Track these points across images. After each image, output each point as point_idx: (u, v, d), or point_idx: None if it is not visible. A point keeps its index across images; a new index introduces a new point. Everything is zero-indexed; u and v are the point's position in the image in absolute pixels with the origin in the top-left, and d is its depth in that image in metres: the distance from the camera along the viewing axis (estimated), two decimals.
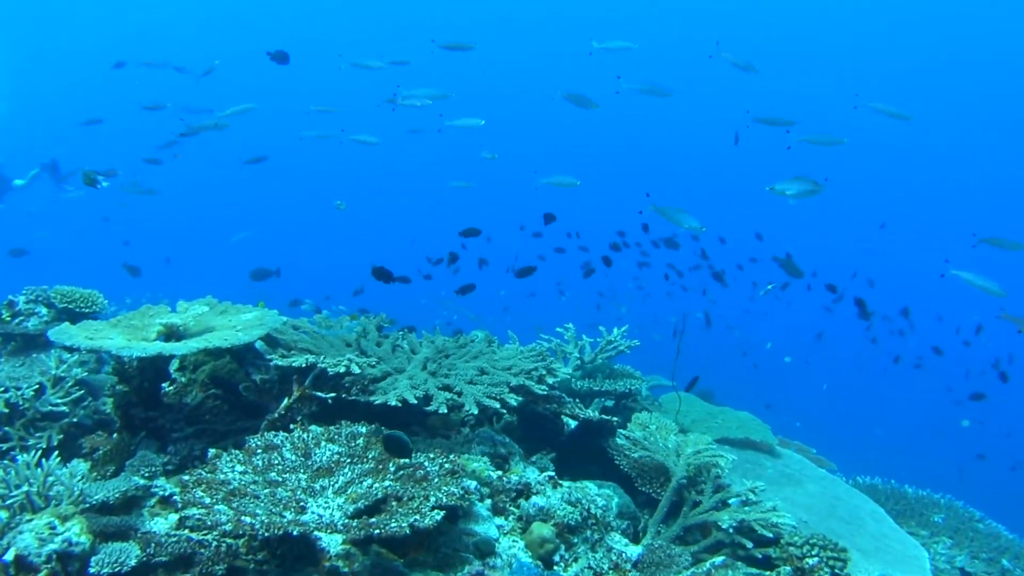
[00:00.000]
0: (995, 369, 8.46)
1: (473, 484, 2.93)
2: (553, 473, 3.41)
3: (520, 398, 3.48)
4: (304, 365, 3.45)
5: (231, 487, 2.68)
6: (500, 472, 3.33)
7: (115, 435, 3.53)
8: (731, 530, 3.34)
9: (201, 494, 2.59)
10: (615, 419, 4.04)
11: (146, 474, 3.26)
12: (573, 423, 4.28)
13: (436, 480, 2.76)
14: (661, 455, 3.73)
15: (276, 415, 3.40)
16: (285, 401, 3.44)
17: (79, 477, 3.00)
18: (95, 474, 3.31)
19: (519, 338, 4.74)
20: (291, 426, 3.25)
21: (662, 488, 3.67)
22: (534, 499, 3.11)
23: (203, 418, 3.61)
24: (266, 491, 2.71)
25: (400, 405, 3.26)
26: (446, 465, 2.87)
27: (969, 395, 9.27)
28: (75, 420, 3.84)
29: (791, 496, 4.39)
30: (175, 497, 3.07)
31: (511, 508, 3.14)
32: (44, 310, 4.53)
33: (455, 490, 2.68)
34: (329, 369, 3.43)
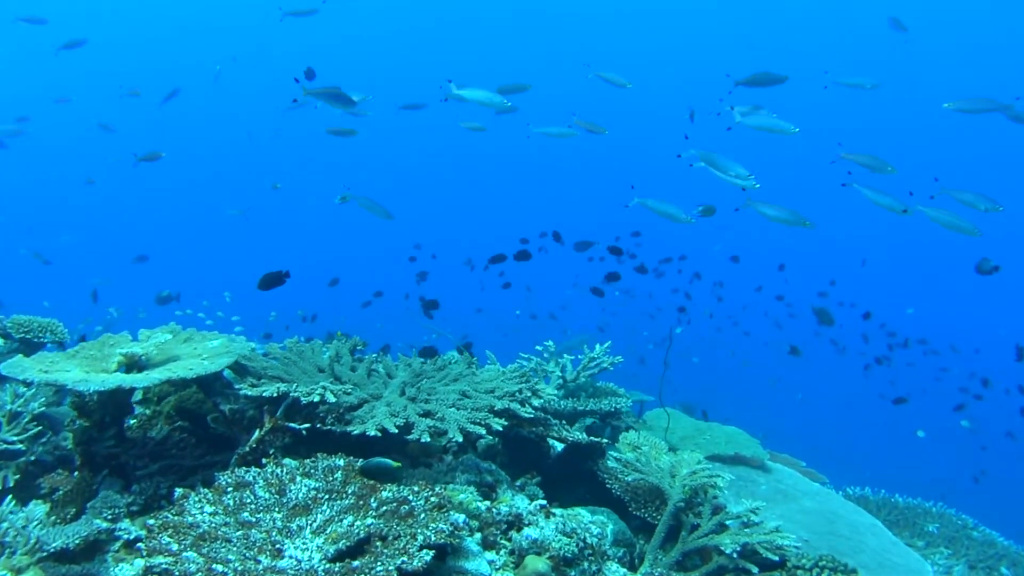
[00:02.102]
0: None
1: (461, 518, 2.73)
2: (545, 502, 3.21)
3: (505, 422, 3.30)
4: (275, 395, 3.24)
5: (200, 530, 2.47)
6: (488, 503, 3.13)
7: (76, 473, 3.31)
8: (735, 554, 3.16)
9: (168, 540, 2.38)
10: (604, 440, 3.86)
11: (109, 516, 3.04)
12: (559, 445, 4.10)
13: (423, 516, 2.57)
14: (655, 477, 3.56)
15: (247, 448, 3.19)
16: (256, 433, 3.23)
17: (35, 522, 2.79)
18: (54, 517, 3.08)
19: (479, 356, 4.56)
20: (263, 460, 3.03)
21: (657, 512, 3.49)
22: (527, 531, 2.91)
23: (169, 452, 3.39)
24: (238, 533, 2.50)
25: (379, 435, 3.06)
26: (432, 499, 2.67)
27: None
28: (32, 459, 3.60)
29: (787, 513, 4.23)
30: (140, 543, 2.86)
31: (502, 541, 2.94)
32: (0, 341, 4.30)
33: (444, 527, 2.49)
34: (302, 398, 3.23)
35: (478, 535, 2.92)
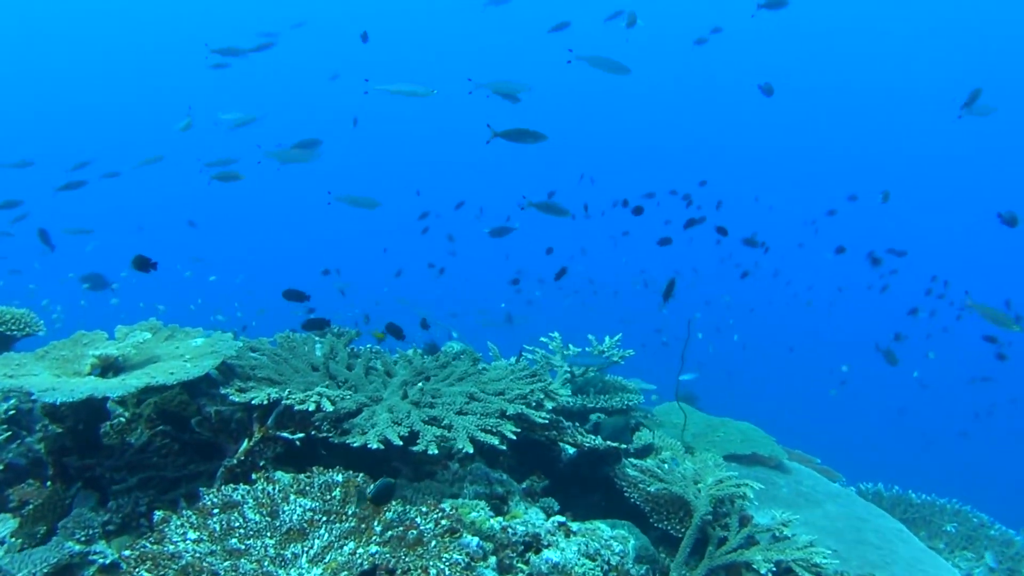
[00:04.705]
0: None
1: (475, 541, 2.46)
2: (563, 518, 2.92)
3: (518, 430, 3.01)
4: (266, 402, 2.94)
5: (183, 562, 2.18)
6: (502, 519, 2.83)
7: (48, 483, 3.01)
8: (769, 574, 2.89)
9: (146, 575, 2.10)
10: (623, 446, 3.59)
11: (82, 537, 2.75)
12: (571, 449, 3.82)
13: (433, 544, 2.28)
14: (679, 487, 3.28)
15: (235, 461, 2.89)
16: (244, 444, 2.93)
17: None
18: (20, 540, 2.79)
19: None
20: (252, 475, 2.74)
21: (681, 524, 3.22)
22: (546, 553, 2.62)
23: (150, 461, 3.09)
24: (226, 564, 2.22)
25: (382, 447, 2.77)
26: (443, 522, 2.39)
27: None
28: (1, 467, 3.30)
29: (812, 519, 3.97)
30: (116, 574, 2.58)
31: (519, 565, 2.65)
32: None
33: (459, 558, 2.21)
34: (295, 406, 2.93)
35: (492, 559, 2.63)
